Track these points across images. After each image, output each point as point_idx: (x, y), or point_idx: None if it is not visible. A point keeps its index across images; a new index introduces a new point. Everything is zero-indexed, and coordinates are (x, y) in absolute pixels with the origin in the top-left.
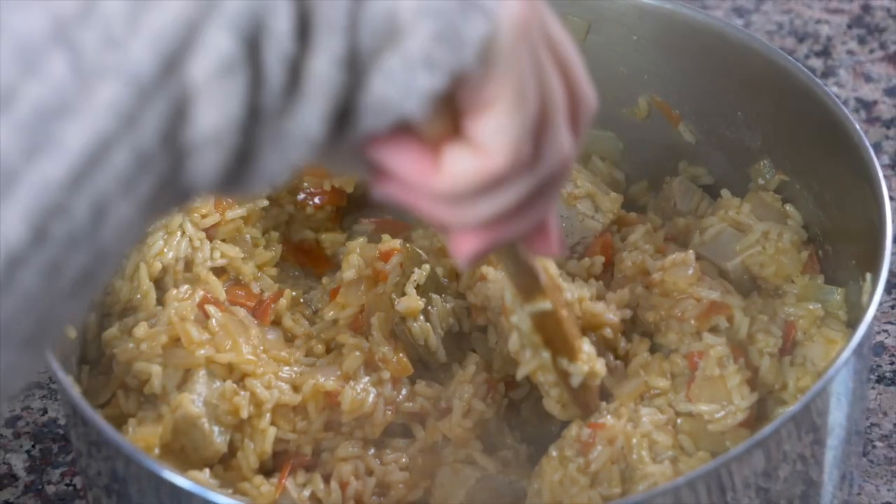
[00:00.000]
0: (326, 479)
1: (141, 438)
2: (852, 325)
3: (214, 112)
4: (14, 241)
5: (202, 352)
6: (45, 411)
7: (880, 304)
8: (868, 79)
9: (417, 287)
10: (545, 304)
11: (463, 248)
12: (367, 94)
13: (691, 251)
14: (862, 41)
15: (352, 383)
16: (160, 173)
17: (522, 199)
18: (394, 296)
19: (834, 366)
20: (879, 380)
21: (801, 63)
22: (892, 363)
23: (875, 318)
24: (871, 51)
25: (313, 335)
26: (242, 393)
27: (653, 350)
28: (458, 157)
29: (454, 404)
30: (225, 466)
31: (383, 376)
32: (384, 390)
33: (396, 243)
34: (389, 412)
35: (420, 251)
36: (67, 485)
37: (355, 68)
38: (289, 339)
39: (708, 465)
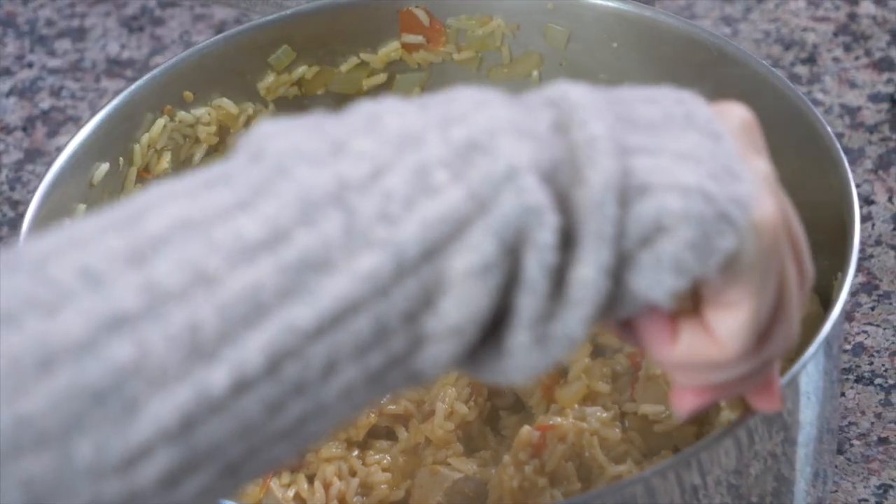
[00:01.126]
0: (310, 480)
1: None
2: None
3: (462, 308)
4: (250, 367)
5: None
6: None
7: (860, 305)
8: (853, 85)
9: None
10: None
11: (683, 403)
12: (622, 289)
13: None
14: (847, 48)
15: None
16: (394, 350)
17: (745, 376)
18: None
19: (799, 362)
20: (858, 380)
21: (788, 70)
22: (870, 363)
23: (856, 319)
24: (857, 58)
25: None
26: None
27: (595, 352)
28: (692, 337)
29: (437, 407)
30: None
31: None
32: None
33: None
34: (373, 415)
35: None
36: None
37: (618, 270)
38: None
39: (678, 456)
